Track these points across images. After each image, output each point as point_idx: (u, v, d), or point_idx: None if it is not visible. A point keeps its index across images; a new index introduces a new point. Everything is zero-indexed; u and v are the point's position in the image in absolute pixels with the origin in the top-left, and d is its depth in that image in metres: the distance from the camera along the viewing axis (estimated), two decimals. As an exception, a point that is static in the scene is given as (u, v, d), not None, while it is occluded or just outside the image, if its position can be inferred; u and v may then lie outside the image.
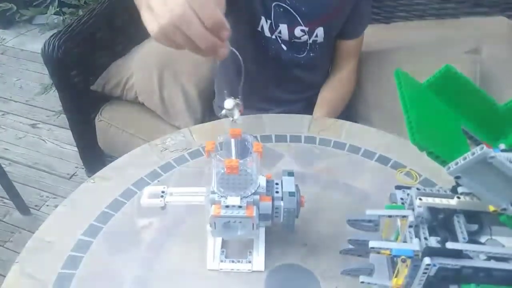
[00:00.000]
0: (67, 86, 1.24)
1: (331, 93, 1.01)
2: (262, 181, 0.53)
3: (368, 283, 0.49)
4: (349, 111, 1.06)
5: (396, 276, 0.47)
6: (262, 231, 0.57)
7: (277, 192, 0.53)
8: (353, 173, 0.70)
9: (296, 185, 0.54)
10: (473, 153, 0.33)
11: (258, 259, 0.56)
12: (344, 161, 0.73)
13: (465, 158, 0.34)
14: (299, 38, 0.92)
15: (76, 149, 1.41)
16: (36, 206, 1.56)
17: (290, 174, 0.54)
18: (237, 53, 0.51)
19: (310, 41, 0.93)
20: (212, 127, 0.80)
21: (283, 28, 0.90)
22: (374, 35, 1.07)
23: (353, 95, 1.05)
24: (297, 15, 0.89)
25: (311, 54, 0.95)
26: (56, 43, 1.12)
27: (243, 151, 0.53)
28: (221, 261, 0.56)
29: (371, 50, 1.07)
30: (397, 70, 0.43)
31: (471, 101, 0.45)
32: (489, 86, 0.98)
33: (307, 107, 1.01)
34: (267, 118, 0.82)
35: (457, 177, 0.35)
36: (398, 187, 0.52)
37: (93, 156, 1.39)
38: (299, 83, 1.01)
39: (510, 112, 0.45)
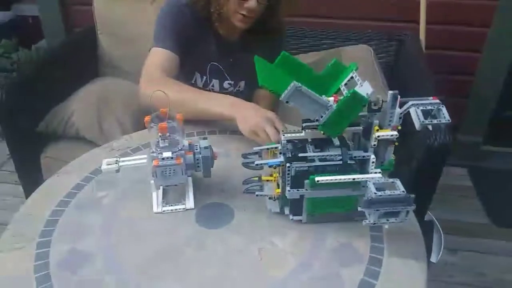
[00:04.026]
0: (13, 131, 1.42)
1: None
2: (186, 143, 0.79)
3: (261, 195, 0.75)
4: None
5: (277, 188, 0.74)
6: (190, 180, 0.82)
7: (196, 149, 0.79)
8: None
9: (210, 145, 0.80)
10: (289, 86, 0.63)
11: (189, 201, 0.80)
12: (248, 142, 1.00)
13: (285, 90, 0.63)
14: (227, 89, 1.24)
15: (21, 200, 1.53)
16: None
17: (205, 138, 0.81)
18: None
19: (235, 90, 1.25)
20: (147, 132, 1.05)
21: (216, 82, 1.22)
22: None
23: None
24: (225, 73, 1.21)
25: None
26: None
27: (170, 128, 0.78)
28: (163, 206, 0.79)
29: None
30: (255, 57, 0.73)
31: (302, 72, 0.75)
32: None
33: None
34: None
35: (287, 102, 0.64)
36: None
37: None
38: None
39: (325, 77, 0.76)
